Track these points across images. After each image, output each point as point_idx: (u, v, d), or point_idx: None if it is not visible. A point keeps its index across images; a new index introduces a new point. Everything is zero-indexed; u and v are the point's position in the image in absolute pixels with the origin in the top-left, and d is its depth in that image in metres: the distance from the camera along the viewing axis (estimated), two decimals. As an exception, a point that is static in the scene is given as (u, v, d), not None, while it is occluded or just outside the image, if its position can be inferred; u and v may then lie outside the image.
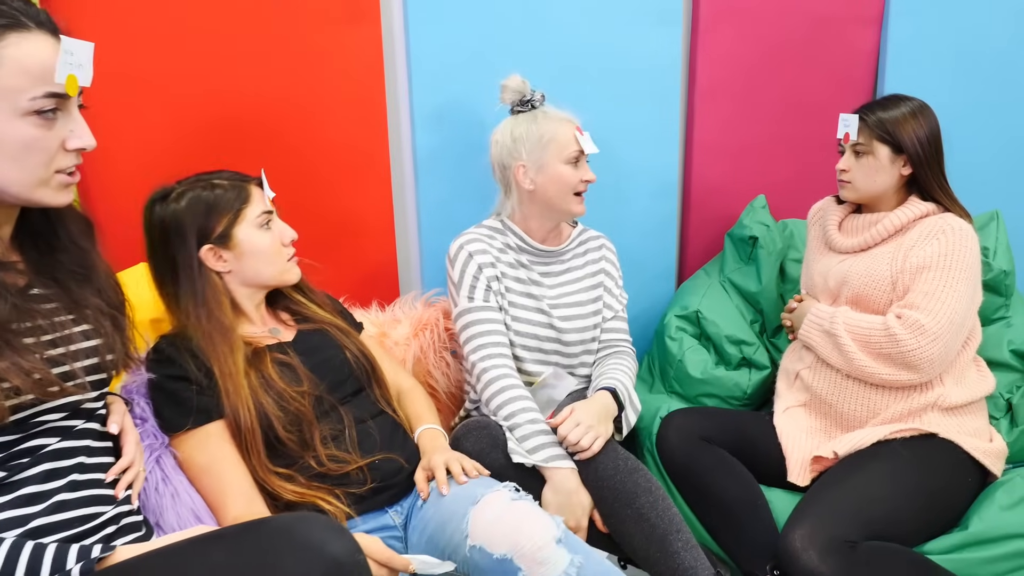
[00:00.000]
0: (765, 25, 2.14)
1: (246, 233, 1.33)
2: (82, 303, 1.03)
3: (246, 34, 1.69)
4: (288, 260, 1.39)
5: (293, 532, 0.83)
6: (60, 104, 0.92)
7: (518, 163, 1.64)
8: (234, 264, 1.34)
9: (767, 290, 2.01)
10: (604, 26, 1.99)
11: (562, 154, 1.62)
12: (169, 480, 1.19)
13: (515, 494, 1.25)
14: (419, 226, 1.98)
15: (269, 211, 1.36)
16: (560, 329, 1.66)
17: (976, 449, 1.52)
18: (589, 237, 1.80)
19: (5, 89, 0.87)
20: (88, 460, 1.00)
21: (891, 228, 1.62)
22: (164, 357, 1.25)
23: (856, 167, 1.64)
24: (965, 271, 1.53)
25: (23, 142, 0.90)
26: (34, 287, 1.00)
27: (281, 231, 1.38)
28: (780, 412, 1.72)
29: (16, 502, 0.91)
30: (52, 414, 0.96)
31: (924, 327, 1.49)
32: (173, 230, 1.30)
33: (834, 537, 1.32)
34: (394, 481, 1.34)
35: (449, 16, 1.85)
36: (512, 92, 1.66)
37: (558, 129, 1.62)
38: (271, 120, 1.75)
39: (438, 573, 1.05)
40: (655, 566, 1.37)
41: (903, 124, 1.60)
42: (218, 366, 1.24)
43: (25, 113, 0.89)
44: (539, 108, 1.66)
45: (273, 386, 1.27)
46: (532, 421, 1.48)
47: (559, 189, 1.64)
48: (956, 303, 1.51)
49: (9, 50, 0.88)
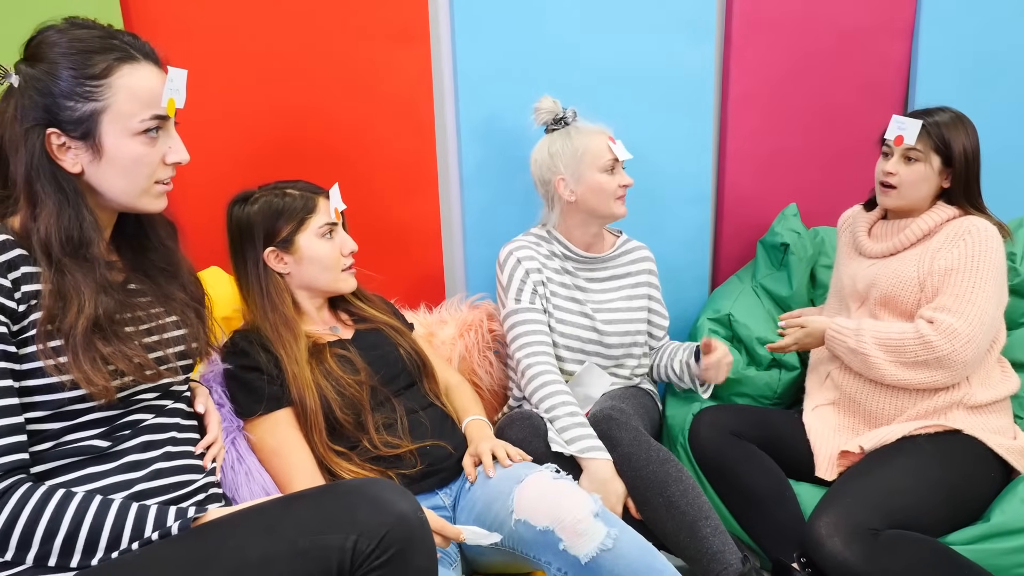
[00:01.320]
0: (797, 37, 2.20)
1: (307, 240, 1.46)
2: (170, 296, 1.17)
3: (306, 56, 1.83)
4: (344, 270, 1.50)
5: (366, 490, 0.95)
6: (162, 124, 1.06)
7: (558, 177, 1.76)
8: (293, 268, 1.47)
9: (798, 295, 2.08)
10: (640, 41, 2.08)
11: (597, 163, 1.73)
12: (243, 460, 1.33)
13: (556, 474, 1.35)
14: (464, 234, 2.10)
15: (333, 223, 1.49)
16: (603, 332, 1.77)
17: (1000, 446, 1.57)
18: (634, 247, 1.91)
19: (120, 114, 1.02)
20: (179, 435, 1.13)
21: (919, 233, 1.67)
22: (238, 349, 1.39)
23: (905, 172, 1.66)
24: (992, 271, 1.57)
25: (133, 158, 1.04)
26: (131, 283, 1.14)
27: (342, 242, 1.50)
28: (809, 410, 1.78)
29: (121, 468, 1.04)
30: (147, 393, 1.09)
31: (957, 331, 1.54)
32: (245, 230, 1.45)
33: (858, 524, 1.39)
34: (443, 466, 1.45)
35: (494, 35, 1.97)
36: (545, 113, 1.79)
37: (591, 141, 1.74)
38: (328, 135, 1.89)
39: (486, 543, 1.16)
40: (685, 551, 1.45)
41: (956, 134, 1.64)
42: (284, 353, 1.38)
43: (135, 133, 1.03)
44: (572, 124, 1.78)
45: (332, 374, 1.40)
46: (571, 414, 1.59)
47: (599, 196, 1.75)
48: (985, 303, 1.55)
49: (123, 80, 1.02)
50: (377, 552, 0.90)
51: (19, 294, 0.97)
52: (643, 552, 1.22)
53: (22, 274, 0.98)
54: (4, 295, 0.96)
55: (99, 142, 1.02)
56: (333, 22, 1.83)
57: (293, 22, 1.80)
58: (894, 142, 1.68)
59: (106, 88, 1.01)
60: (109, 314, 1.03)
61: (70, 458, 1.01)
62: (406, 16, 1.89)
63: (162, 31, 1.69)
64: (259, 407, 1.35)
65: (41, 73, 1.00)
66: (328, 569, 0.90)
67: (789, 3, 2.17)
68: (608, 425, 1.57)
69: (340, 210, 1.52)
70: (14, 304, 0.97)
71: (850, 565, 1.36)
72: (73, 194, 1.02)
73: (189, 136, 1.16)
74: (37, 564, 0.94)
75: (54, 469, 1.00)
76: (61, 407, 0.99)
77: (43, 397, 0.98)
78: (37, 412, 0.98)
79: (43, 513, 0.93)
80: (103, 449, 1.03)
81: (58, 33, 1.02)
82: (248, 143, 1.81)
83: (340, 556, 0.90)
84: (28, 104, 0.99)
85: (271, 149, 1.83)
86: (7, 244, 0.99)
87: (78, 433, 1.02)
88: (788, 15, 2.18)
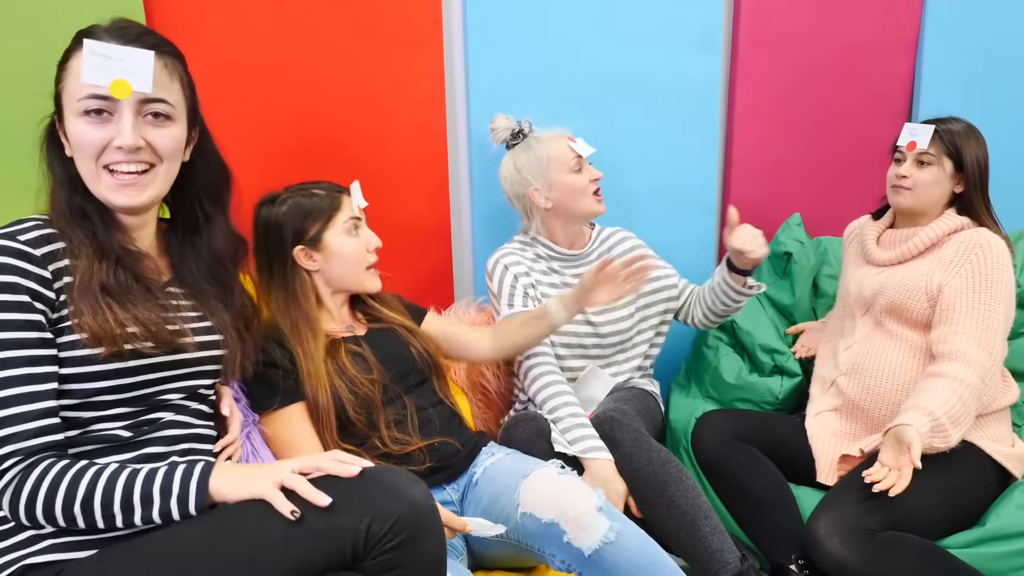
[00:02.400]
0: (803, 50, 2.24)
1: (335, 237, 1.51)
2: (213, 309, 1.20)
3: (324, 63, 1.88)
4: (368, 268, 1.55)
5: (380, 477, 0.99)
6: (106, 105, 1.03)
7: (531, 188, 1.80)
8: (322, 265, 1.52)
9: (800, 303, 2.11)
10: (649, 51, 2.13)
11: (564, 166, 1.79)
12: (257, 453, 1.37)
13: (561, 470, 1.39)
14: (473, 238, 2.14)
15: (357, 217, 1.54)
16: (596, 324, 1.81)
17: (998, 452, 1.60)
18: (609, 233, 1.95)
19: (70, 95, 1.03)
20: (201, 432, 1.18)
21: (927, 241, 1.69)
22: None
23: (919, 175, 1.70)
24: (1003, 290, 1.60)
25: (79, 143, 1.04)
26: (172, 285, 1.18)
27: (367, 238, 1.56)
28: (812, 415, 1.80)
29: (139, 459, 1.08)
30: (172, 393, 1.13)
31: (985, 367, 1.54)
32: (273, 230, 1.49)
33: (856, 525, 1.42)
34: (451, 462, 1.49)
35: (505, 45, 2.02)
36: (502, 131, 1.85)
37: (552, 145, 1.79)
38: (343, 140, 1.94)
39: (490, 534, 1.20)
40: (685, 549, 1.49)
41: (968, 145, 1.68)
42: (301, 350, 1.42)
43: (78, 114, 1.03)
44: (530, 135, 1.83)
45: (346, 372, 1.44)
46: (574, 415, 1.63)
47: (574, 196, 1.79)
48: (999, 325, 1.58)
49: (75, 60, 1.02)
50: (389, 536, 0.94)
51: (58, 284, 1.02)
52: (644, 545, 1.26)
53: (64, 266, 1.03)
54: (44, 285, 1.01)
55: (64, 125, 1.06)
56: (350, 31, 1.89)
57: (311, 31, 1.85)
58: (907, 148, 1.72)
59: (64, 70, 1.05)
60: (126, 288, 1.07)
61: (96, 444, 1.06)
62: (420, 26, 1.94)
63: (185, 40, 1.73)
64: (274, 401, 1.39)
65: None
66: (342, 549, 0.94)
67: (796, 17, 2.22)
68: (610, 426, 1.60)
69: (362, 207, 1.57)
70: (52, 294, 1.02)
71: (847, 565, 1.39)
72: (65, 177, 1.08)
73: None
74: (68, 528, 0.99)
75: (82, 454, 1.05)
76: (89, 397, 1.04)
77: (74, 386, 1.03)
78: (68, 400, 1.03)
79: (61, 482, 0.96)
80: (125, 439, 1.08)
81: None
82: (266, 146, 1.86)
83: (354, 538, 0.94)
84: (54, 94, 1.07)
85: (288, 152, 1.88)
86: (51, 237, 1.04)
87: (104, 423, 1.07)
88: (795, 28, 2.23)
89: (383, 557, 0.95)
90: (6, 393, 0.96)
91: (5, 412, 0.96)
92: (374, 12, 1.89)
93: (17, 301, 0.98)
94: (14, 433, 0.96)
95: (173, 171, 1.13)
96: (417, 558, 0.97)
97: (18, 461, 0.96)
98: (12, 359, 0.97)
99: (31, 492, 0.96)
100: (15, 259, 0.99)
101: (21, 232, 1.02)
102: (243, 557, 0.93)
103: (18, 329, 0.98)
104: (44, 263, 1.01)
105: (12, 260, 0.99)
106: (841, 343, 1.83)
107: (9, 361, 0.97)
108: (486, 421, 1.93)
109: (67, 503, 0.97)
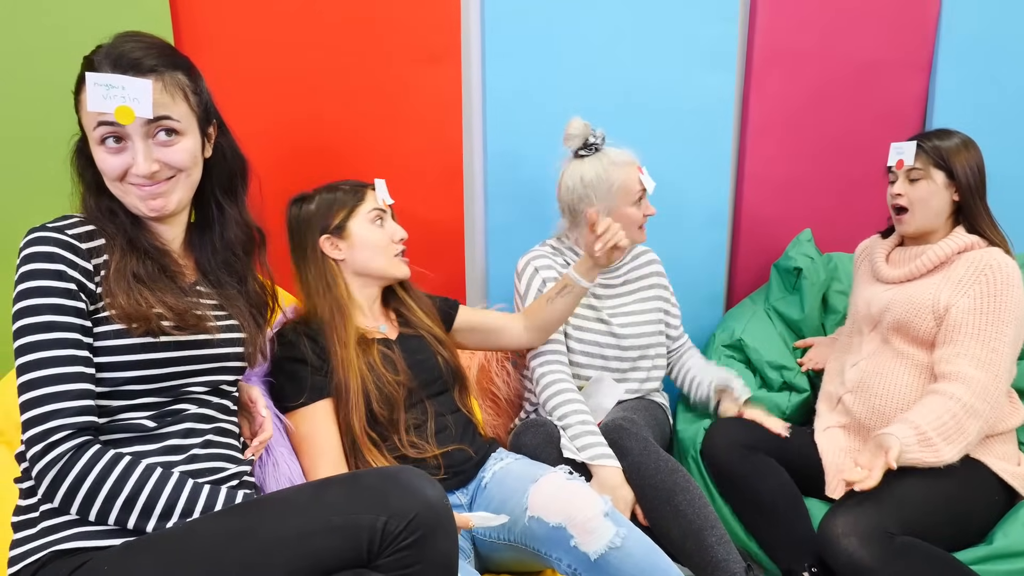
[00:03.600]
0: (815, 69, 2.26)
1: (359, 226, 1.56)
2: (233, 301, 1.25)
3: (345, 74, 1.92)
4: (395, 256, 1.60)
5: (397, 477, 1.02)
6: (118, 132, 1.09)
7: (590, 209, 1.76)
8: (347, 253, 1.56)
9: (809, 318, 2.13)
10: (663, 68, 2.16)
11: (629, 198, 1.79)
12: (271, 451, 1.40)
13: (569, 475, 1.41)
14: (487, 247, 2.18)
15: (382, 210, 1.59)
16: (619, 336, 1.84)
17: (1004, 471, 1.60)
18: (640, 252, 1.98)
19: (87, 125, 1.09)
20: (225, 426, 1.22)
21: (935, 259, 1.69)
22: (286, 341, 1.47)
23: (912, 191, 1.72)
24: (1012, 311, 1.59)
25: (103, 168, 1.11)
26: (199, 285, 1.23)
27: (393, 229, 1.61)
28: (820, 430, 1.81)
29: (163, 450, 1.12)
30: (197, 386, 1.17)
31: (988, 389, 1.55)
32: (304, 224, 1.56)
33: (876, 526, 1.42)
34: (463, 468, 1.51)
35: (522, 59, 2.06)
36: (576, 139, 1.80)
37: (625, 175, 1.78)
38: (362, 149, 1.98)
39: (494, 524, 1.24)
40: (691, 558, 1.50)
41: (956, 153, 1.69)
42: (335, 336, 1.46)
43: (96, 143, 1.10)
44: (602, 150, 1.80)
45: (375, 369, 1.47)
46: (583, 422, 1.65)
47: (626, 227, 1.77)
48: (1006, 348, 1.58)
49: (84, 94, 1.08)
50: (405, 533, 0.97)
51: (98, 278, 1.08)
52: (649, 552, 1.28)
53: (103, 260, 1.09)
54: (87, 277, 1.06)
55: (89, 151, 1.12)
56: (371, 44, 1.93)
57: (331, 41, 1.90)
58: (896, 167, 1.75)
59: (79, 102, 1.10)
60: (158, 283, 1.13)
61: (122, 433, 1.09)
62: (438, 39, 1.98)
63: (209, 51, 1.79)
64: (301, 397, 1.42)
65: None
66: (359, 546, 0.96)
67: (809, 35, 2.24)
68: (619, 434, 1.62)
69: (388, 203, 1.62)
70: (93, 286, 1.07)
71: (864, 565, 1.39)
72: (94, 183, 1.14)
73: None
74: (97, 522, 1.03)
75: (107, 442, 1.08)
76: (119, 385, 1.08)
77: (106, 375, 1.07)
78: (99, 388, 1.07)
79: (110, 474, 1.01)
80: (150, 429, 1.11)
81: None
82: (287, 152, 1.91)
83: (370, 535, 0.96)
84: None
85: (308, 159, 1.92)
86: (94, 234, 1.10)
87: (131, 413, 1.11)
88: (807, 47, 2.25)
89: (398, 555, 0.98)
90: (52, 371, 1.01)
91: (51, 389, 1.00)
92: (395, 25, 1.93)
93: (66, 288, 1.04)
94: (61, 408, 1.00)
95: (196, 175, 1.18)
96: (431, 557, 0.99)
97: (69, 435, 1.00)
98: (58, 340, 1.02)
99: (79, 474, 1.00)
100: (65, 250, 1.05)
101: (69, 227, 1.08)
102: (261, 551, 0.96)
103: (65, 313, 1.03)
104: (89, 257, 1.07)
105: (62, 251, 1.05)
106: (848, 360, 1.84)
107: (56, 342, 1.02)
108: (495, 428, 1.96)
109: (111, 495, 1.01)
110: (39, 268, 1.03)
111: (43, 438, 0.99)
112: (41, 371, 1.01)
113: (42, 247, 1.04)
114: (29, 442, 1.00)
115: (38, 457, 1.00)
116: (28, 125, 1.64)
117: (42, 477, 1.00)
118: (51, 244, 1.05)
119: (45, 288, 1.03)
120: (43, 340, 1.01)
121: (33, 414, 1.00)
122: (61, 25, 1.63)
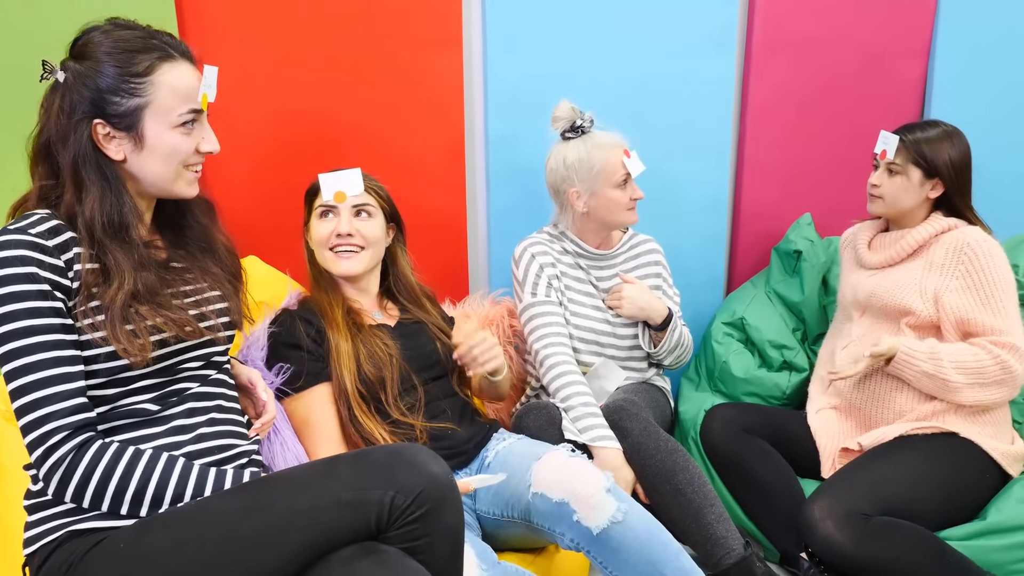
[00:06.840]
0: (815, 54, 2.28)
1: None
2: (209, 270, 1.25)
3: (347, 59, 1.94)
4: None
5: (403, 453, 1.05)
6: (197, 117, 1.15)
7: (571, 189, 1.80)
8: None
9: (809, 300, 2.15)
10: (664, 53, 2.17)
11: (612, 180, 1.78)
12: (279, 431, 1.43)
13: (572, 453, 1.44)
14: (489, 233, 2.19)
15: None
16: (615, 323, 1.85)
17: (994, 450, 1.63)
18: (640, 240, 1.98)
19: (161, 108, 1.11)
20: (225, 403, 1.23)
21: (914, 244, 1.74)
22: (284, 326, 1.50)
23: (887, 184, 1.76)
24: (1010, 281, 1.65)
25: (171, 148, 1.13)
26: (172, 260, 1.22)
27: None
28: (812, 412, 1.85)
29: (168, 432, 1.13)
30: (192, 362, 1.18)
31: (1020, 350, 1.59)
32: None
33: (850, 509, 1.46)
34: (463, 448, 1.54)
35: (524, 44, 2.06)
36: (563, 120, 1.80)
37: (608, 157, 1.77)
38: (364, 134, 1.99)
39: (495, 483, 1.29)
40: (691, 536, 1.53)
41: (939, 148, 1.71)
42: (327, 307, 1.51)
43: (174, 126, 1.12)
44: (588, 132, 1.81)
45: (368, 341, 1.50)
46: (585, 404, 1.67)
47: (611, 210, 1.81)
48: (1018, 313, 1.63)
49: (164, 77, 1.11)
50: (412, 508, 1.00)
51: (71, 273, 1.07)
52: (650, 526, 1.31)
53: (74, 255, 1.07)
54: (59, 274, 1.05)
55: (141, 133, 1.11)
56: (373, 31, 1.94)
57: (335, 28, 1.91)
58: (880, 156, 1.77)
59: (149, 85, 1.10)
60: (150, 288, 1.12)
61: (125, 419, 1.11)
62: (441, 24, 1.99)
63: (214, 35, 1.81)
64: (298, 381, 1.45)
65: (88, 70, 1.08)
66: (367, 520, 1.00)
67: (809, 21, 2.25)
68: (619, 416, 1.65)
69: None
70: (68, 282, 1.06)
71: (840, 547, 1.43)
72: (115, 180, 1.11)
73: (235, 130, 1.24)
74: (109, 514, 1.05)
75: (112, 429, 1.10)
76: (114, 374, 1.09)
77: (98, 366, 1.07)
78: (95, 379, 1.08)
79: (116, 468, 1.03)
80: (153, 412, 1.13)
81: (102, 34, 1.11)
82: (288, 138, 1.92)
83: (379, 509, 0.99)
84: (76, 99, 1.08)
85: (305, 144, 1.94)
86: (60, 228, 1.08)
87: (131, 398, 1.12)
88: (807, 32, 2.26)
89: (406, 528, 1.01)
90: (39, 375, 1.01)
91: (41, 393, 1.01)
92: (397, 13, 1.94)
93: (39, 290, 1.02)
94: (54, 411, 1.01)
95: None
96: (438, 529, 1.02)
97: (67, 436, 1.01)
98: (41, 343, 1.02)
99: (84, 474, 1.01)
100: (31, 251, 1.03)
101: (31, 226, 1.05)
102: (273, 526, 0.99)
103: (42, 316, 1.02)
104: (57, 253, 1.06)
105: (29, 252, 1.03)
106: (838, 343, 1.87)
107: (38, 345, 1.02)
108: (498, 411, 1.98)
109: (119, 490, 1.03)
110: (10, 273, 1.02)
111: (42, 442, 1.01)
112: (28, 376, 1.01)
113: (9, 251, 1.02)
114: (30, 447, 1.02)
115: (41, 461, 1.01)
116: (30, 124, 1.64)
117: (48, 480, 1.02)
118: (18, 247, 1.02)
119: (19, 293, 1.01)
120: (25, 346, 1.01)
121: (28, 419, 1.01)
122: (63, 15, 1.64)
